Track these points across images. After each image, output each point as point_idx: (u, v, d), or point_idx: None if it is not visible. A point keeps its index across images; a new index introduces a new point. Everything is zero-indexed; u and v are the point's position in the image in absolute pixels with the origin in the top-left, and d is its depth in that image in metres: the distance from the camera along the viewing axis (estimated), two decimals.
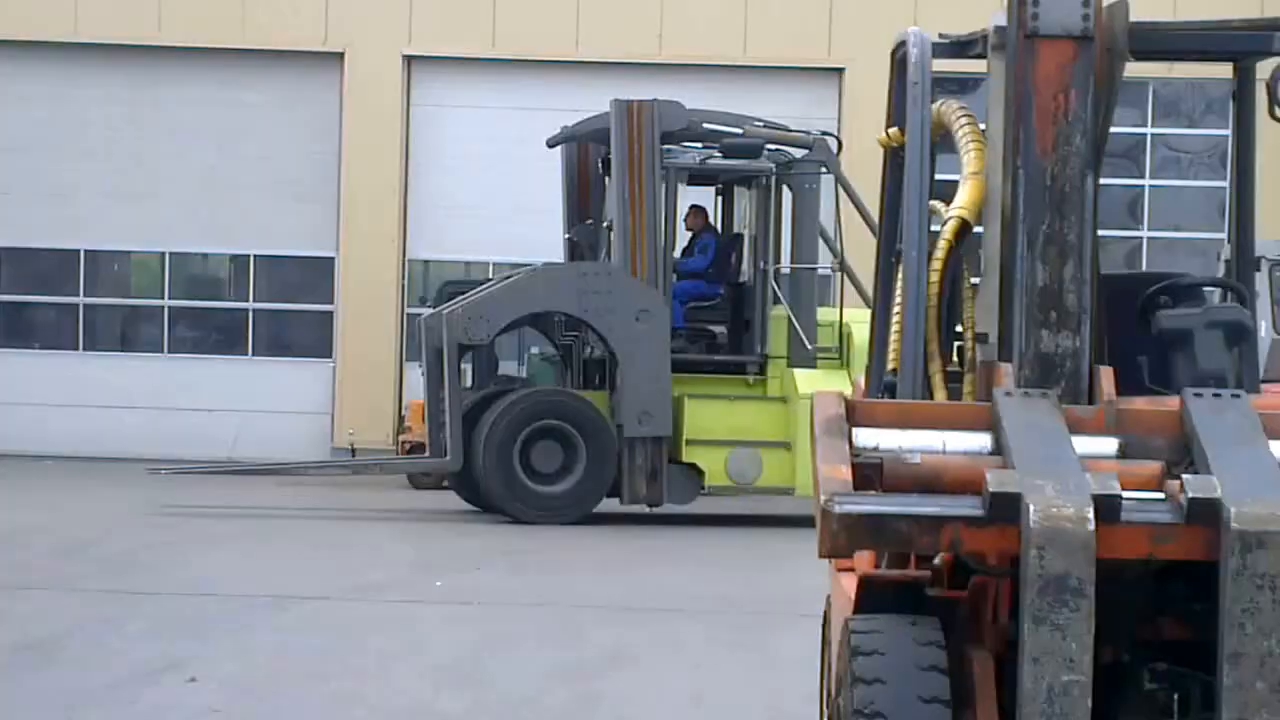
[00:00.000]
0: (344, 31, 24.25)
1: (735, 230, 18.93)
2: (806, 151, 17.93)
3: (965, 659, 5.16)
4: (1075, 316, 5.38)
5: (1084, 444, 5.10)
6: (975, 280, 6.10)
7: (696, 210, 18.61)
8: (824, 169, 17.86)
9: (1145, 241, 24.30)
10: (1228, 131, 16.10)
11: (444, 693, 9.38)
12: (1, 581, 13.01)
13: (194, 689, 9.33)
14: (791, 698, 9.00)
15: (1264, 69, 6.12)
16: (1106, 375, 5.39)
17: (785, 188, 17.96)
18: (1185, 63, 8.26)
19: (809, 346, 17.43)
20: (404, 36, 24.27)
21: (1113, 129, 5.71)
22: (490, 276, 23.96)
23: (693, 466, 17.46)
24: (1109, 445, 5.22)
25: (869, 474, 5.10)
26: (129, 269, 25.31)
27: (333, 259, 24.66)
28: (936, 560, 5.53)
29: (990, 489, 4.80)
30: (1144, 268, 23.05)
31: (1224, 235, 18.92)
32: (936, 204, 6.11)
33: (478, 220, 24.51)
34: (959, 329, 6.17)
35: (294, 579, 13.51)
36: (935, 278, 5.99)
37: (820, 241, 18.16)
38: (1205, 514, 4.77)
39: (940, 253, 6.00)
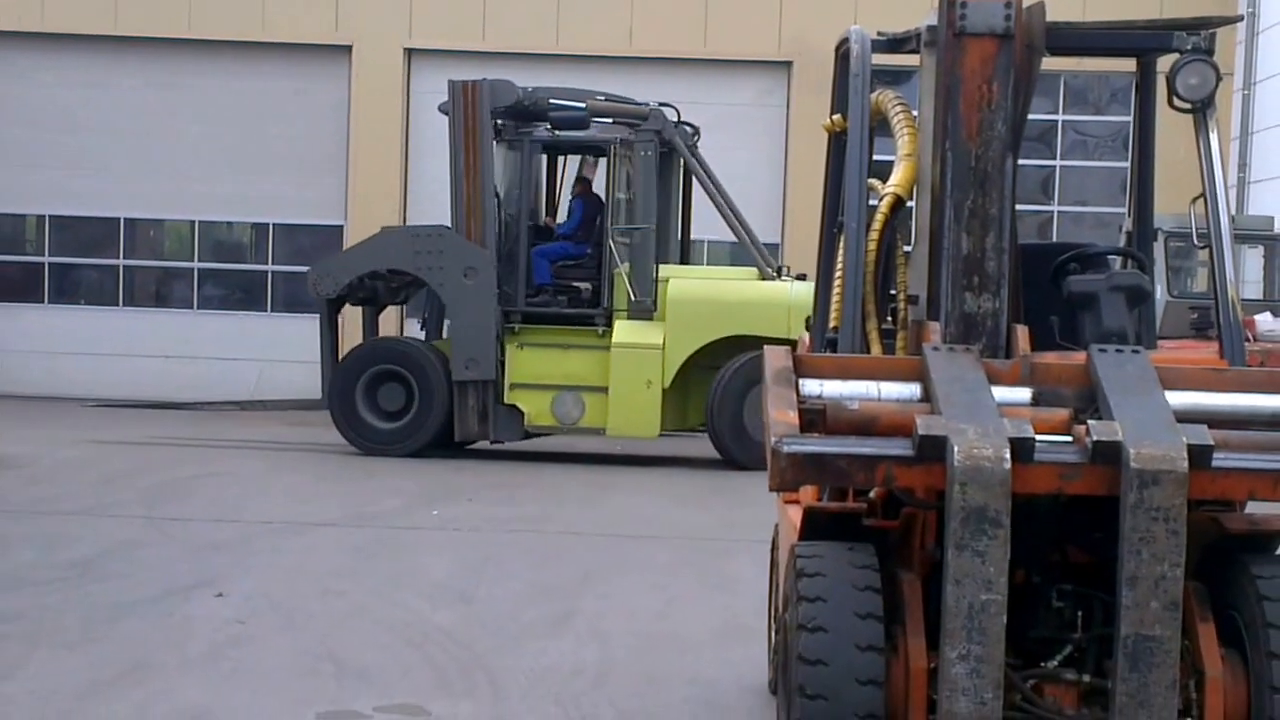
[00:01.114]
0: (352, 27, 24.13)
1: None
2: (643, 122, 17.49)
3: (896, 580, 5.18)
4: (995, 281, 5.38)
5: (1002, 393, 5.12)
6: (907, 249, 6.10)
7: (581, 179, 18.47)
8: (661, 139, 17.36)
9: (1056, 215, 24.30)
10: (1130, 118, 16.15)
11: (439, 608, 9.38)
12: (54, 508, 12.98)
13: (221, 603, 9.32)
14: (744, 613, 9.02)
15: (1164, 64, 6.12)
16: (1022, 333, 5.40)
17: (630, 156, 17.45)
18: (1094, 57, 8.22)
19: (633, 299, 17.08)
20: (405, 32, 24.16)
21: (1029, 116, 5.70)
22: None
23: (513, 407, 17.36)
24: (1024, 394, 5.23)
25: (813, 418, 5.11)
26: (163, 235, 25.19)
27: (341, 226, 24.53)
28: (872, 494, 5.55)
29: (919, 432, 4.81)
30: (1055, 238, 23.08)
31: (1125, 210, 18.92)
32: (874, 181, 6.11)
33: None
34: (893, 292, 6.18)
35: (306, 507, 13.49)
36: (872, 246, 6.00)
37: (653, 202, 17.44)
38: (1108, 454, 4.79)
39: (877, 224, 6.01)
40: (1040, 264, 6.11)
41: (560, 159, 18.90)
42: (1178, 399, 5.06)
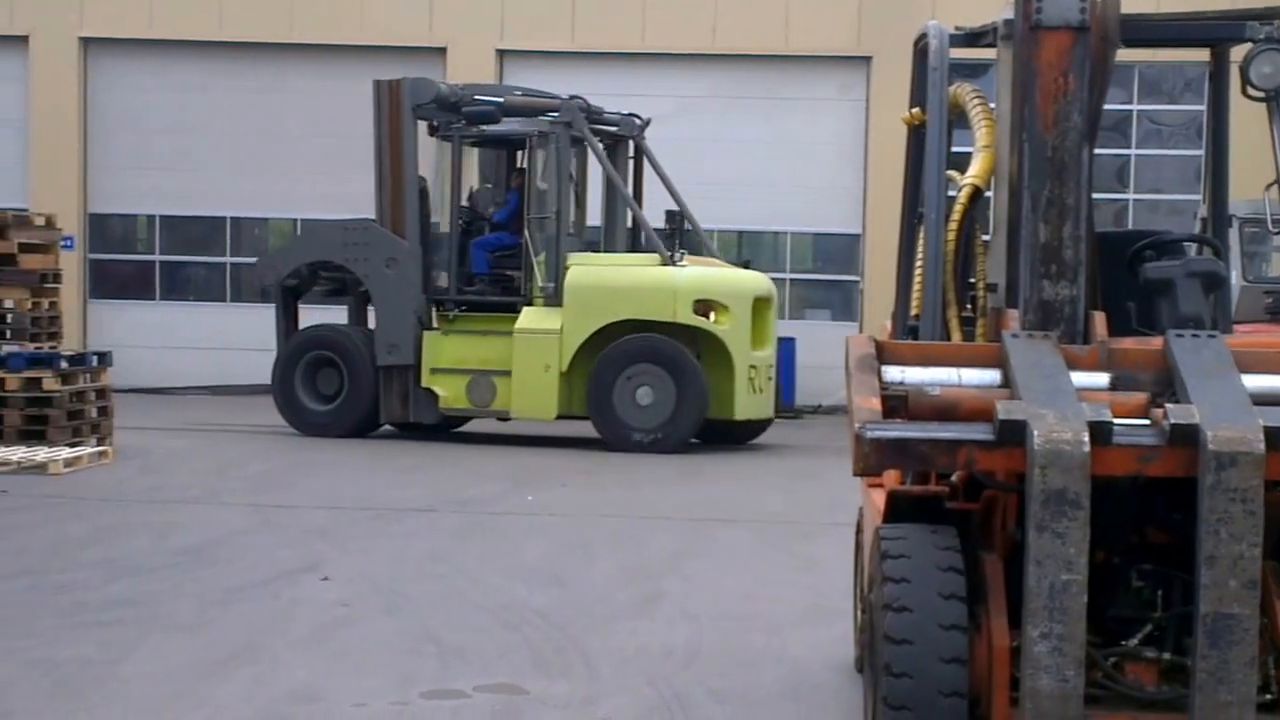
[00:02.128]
0: (446, 29, 24.24)
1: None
2: (556, 116, 17.57)
3: (979, 561, 5.16)
4: (1072, 269, 5.33)
5: (1080, 378, 5.08)
6: (986, 238, 6.06)
7: (518, 171, 18.47)
8: (572, 132, 17.45)
9: (1131, 203, 24.04)
10: (1204, 107, 15.94)
11: (534, 590, 9.42)
12: (166, 497, 13.14)
13: (326, 586, 9.40)
14: (828, 594, 9.00)
15: (1237, 53, 6.05)
16: (1099, 319, 5.36)
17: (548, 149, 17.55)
18: (1167, 48, 8.13)
19: (541, 286, 17.30)
20: (497, 34, 24.23)
21: (1104, 106, 5.65)
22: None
23: (430, 391, 17.60)
24: (1101, 379, 5.19)
25: (895, 404, 5.10)
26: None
27: None
28: (954, 477, 5.52)
29: (1000, 417, 4.79)
30: (1131, 226, 22.85)
31: (1200, 197, 18.70)
32: (953, 173, 6.08)
33: None
34: (972, 280, 6.15)
35: (404, 493, 13.57)
36: (952, 236, 5.98)
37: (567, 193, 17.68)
38: (1185, 437, 4.74)
39: (956, 215, 5.98)
40: (1117, 251, 6.06)
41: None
42: (1254, 382, 5.00)
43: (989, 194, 5.94)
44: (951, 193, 5.94)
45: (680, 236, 19.35)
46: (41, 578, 9.47)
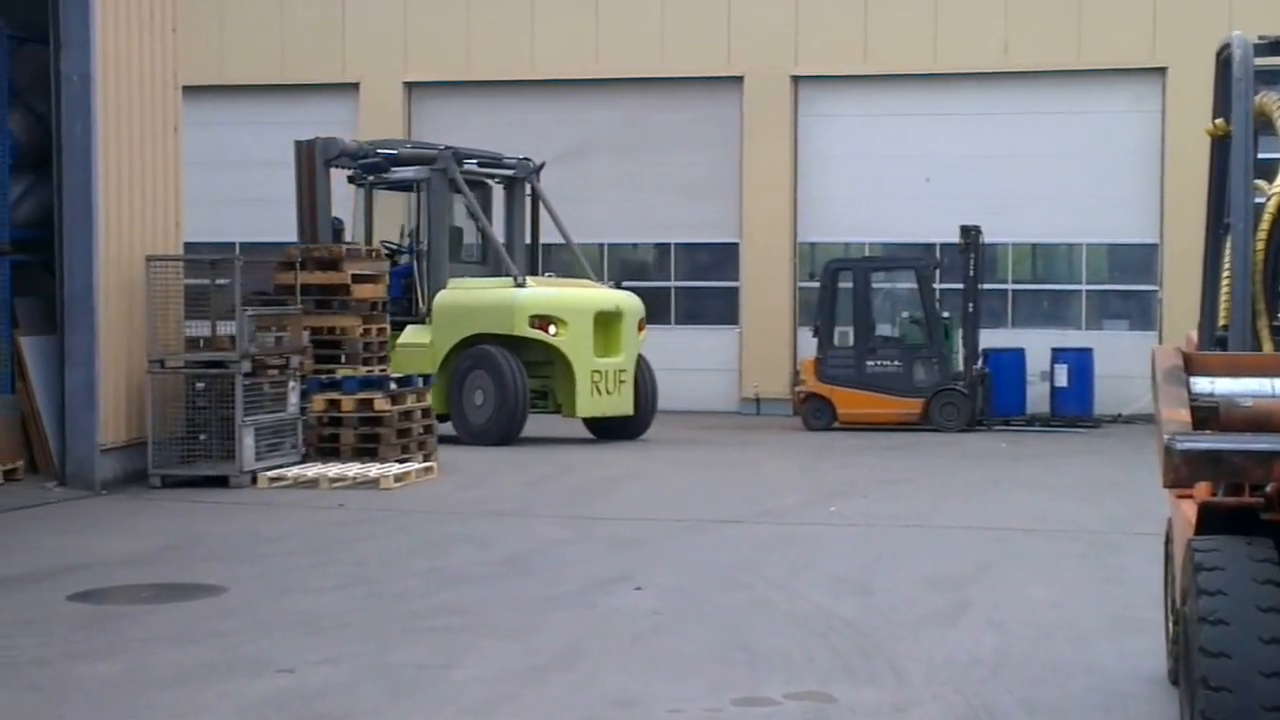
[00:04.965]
0: (742, 59, 24.35)
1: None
2: (432, 164, 19.80)
3: None
4: None
5: None
6: None
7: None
8: (448, 177, 19.73)
9: None
10: None
11: (840, 599, 9.33)
12: (486, 510, 13.41)
13: (640, 595, 9.46)
14: (1136, 604, 8.72)
15: None
16: None
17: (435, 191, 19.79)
18: None
19: (420, 308, 19.70)
20: (791, 61, 24.24)
21: None
22: (866, 254, 23.87)
23: None
24: None
25: (1205, 416, 4.92)
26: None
27: (737, 244, 24.78)
28: (1268, 488, 5.30)
29: None
30: None
31: None
32: (1260, 182, 5.84)
33: (852, 208, 24.37)
34: None
35: (711, 506, 13.60)
36: (1260, 246, 5.74)
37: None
38: None
39: (1265, 224, 5.75)
40: None
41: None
42: None
43: None
44: (1259, 200, 5.70)
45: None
46: (377, 587, 9.74)
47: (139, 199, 14.93)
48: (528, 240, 21.33)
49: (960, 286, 21.74)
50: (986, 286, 22.40)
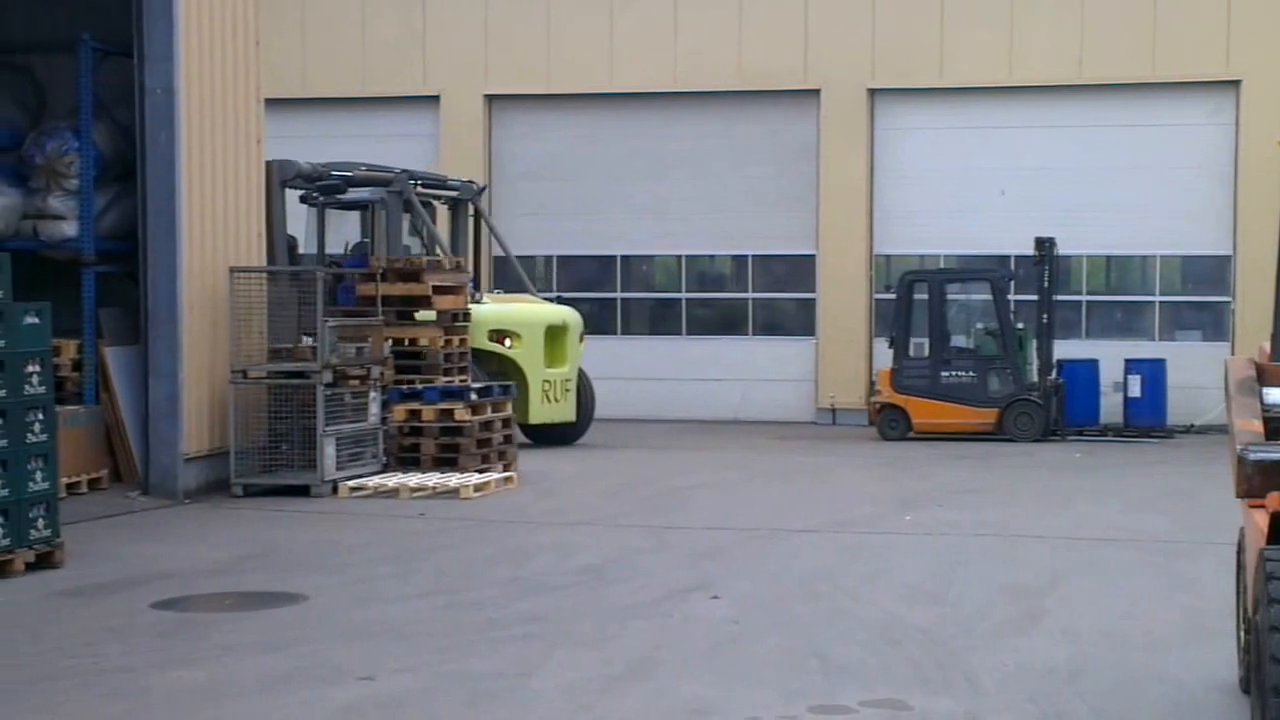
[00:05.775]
0: (819, 73, 24.31)
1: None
2: (390, 186, 19.79)
3: None
4: None
5: None
6: None
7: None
8: (404, 198, 19.81)
9: None
10: None
11: (914, 608, 9.32)
12: (565, 519, 13.47)
13: (717, 604, 9.48)
14: (1208, 613, 8.66)
15: None
16: None
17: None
18: None
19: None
20: (868, 74, 24.18)
21: None
22: (941, 266, 23.76)
23: None
24: None
25: (1278, 426, 4.89)
26: (654, 269, 25.88)
27: (814, 256, 24.75)
28: None
29: None
30: None
31: None
32: None
33: (928, 220, 24.27)
34: None
35: (787, 515, 13.60)
36: None
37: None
38: None
39: None
40: None
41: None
42: None
43: None
44: None
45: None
46: (457, 595, 9.82)
47: (222, 210, 15.10)
48: (472, 258, 21.69)
49: (1034, 298, 21.65)
50: (1060, 298, 22.26)
